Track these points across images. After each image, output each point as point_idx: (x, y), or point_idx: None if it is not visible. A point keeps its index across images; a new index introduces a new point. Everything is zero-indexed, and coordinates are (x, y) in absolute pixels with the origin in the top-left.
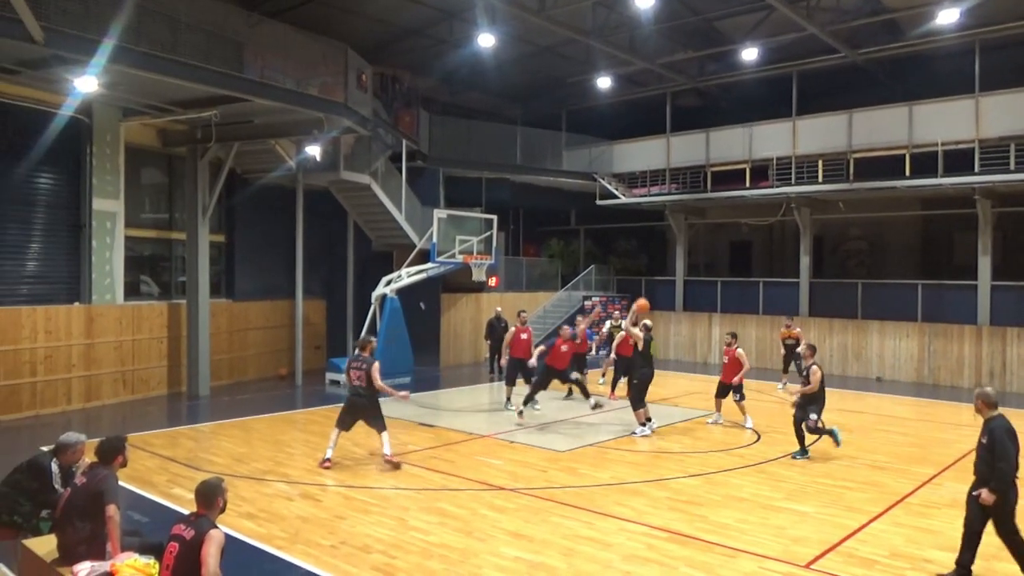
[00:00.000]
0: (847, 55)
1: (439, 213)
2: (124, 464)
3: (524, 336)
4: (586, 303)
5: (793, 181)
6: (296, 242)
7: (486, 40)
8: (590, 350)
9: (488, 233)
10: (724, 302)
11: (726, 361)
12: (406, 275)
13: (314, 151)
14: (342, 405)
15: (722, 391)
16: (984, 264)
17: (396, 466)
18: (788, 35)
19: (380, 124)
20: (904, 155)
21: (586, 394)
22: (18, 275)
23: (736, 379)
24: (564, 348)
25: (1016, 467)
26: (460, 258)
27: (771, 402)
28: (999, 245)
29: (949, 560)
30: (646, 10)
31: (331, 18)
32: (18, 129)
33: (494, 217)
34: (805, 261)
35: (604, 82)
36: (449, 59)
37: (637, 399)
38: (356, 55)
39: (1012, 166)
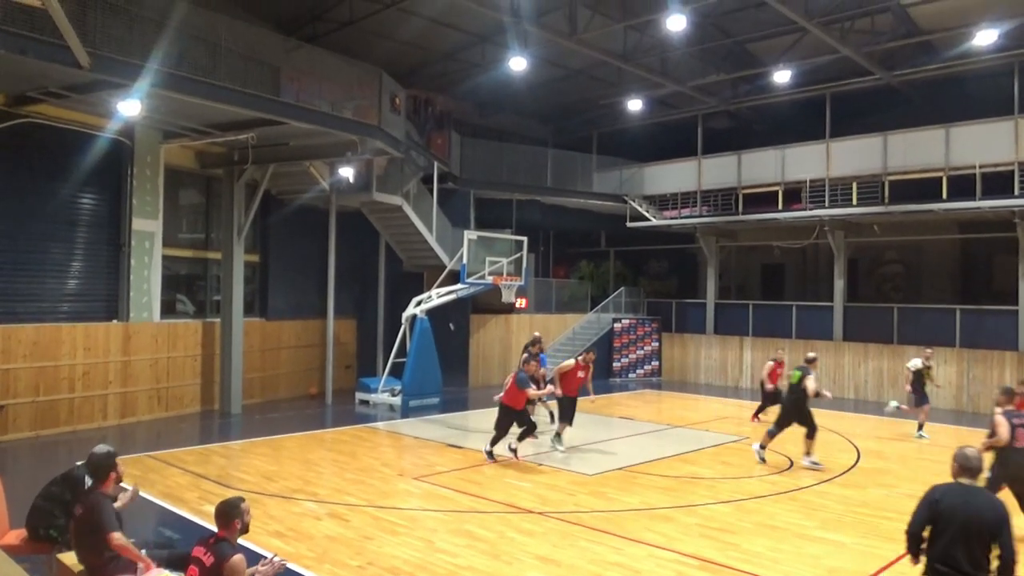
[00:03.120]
0: (881, 77)
1: (469, 234)
2: (119, 480)
3: (581, 375)
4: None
5: (827, 204)
6: (328, 262)
7: (518, 64)
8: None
9: (518, 254)
10: (756, 326)
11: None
12: (436, 296)
13: (347, 173)
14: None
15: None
16: None
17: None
18: (822, 57)
19: (412, 146)
20: (941, 177)
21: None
22: (59, 293)
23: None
24: (580, 374)
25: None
26: (490, 279)
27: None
28: None
29: None
30: (677, 33)
31: (365, 42)
32: (62, 151)
33: (524, 239)
34: (839, 284)
35: (635, 104)
36: (481, 82)
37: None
38: (390, 78)
39: None
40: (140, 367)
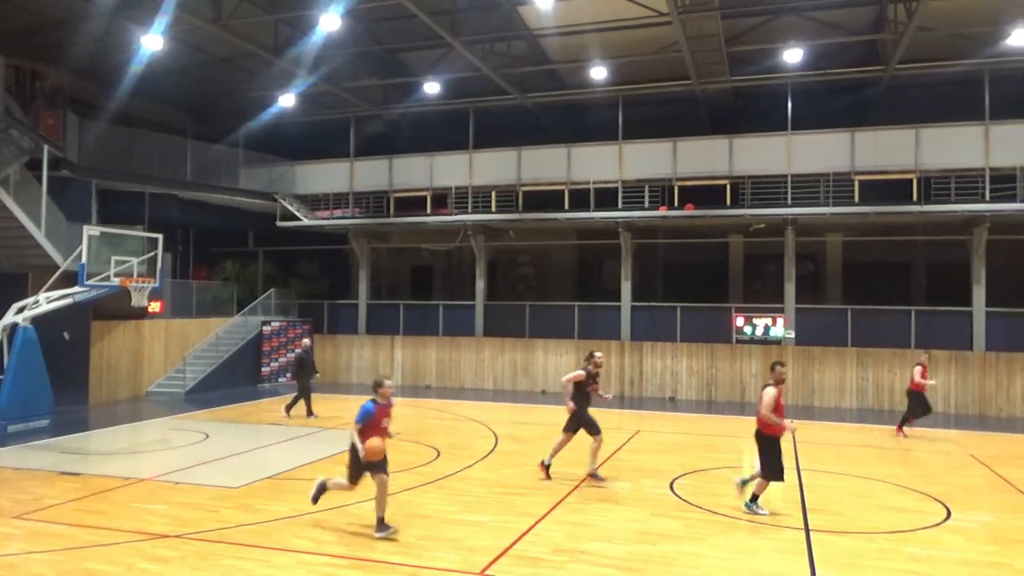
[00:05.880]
0: (517, 97)
1: (90, 230)
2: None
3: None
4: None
5: (470, 209)
6: None
7: (152, 43)
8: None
9: (152, 253)
10: (406, 325)
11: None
12: (45, 301)
13: None
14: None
15: None
16: (626, 288)
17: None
18: (467, 74)
19: (12, 124)
20: (564, 191)
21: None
22: None
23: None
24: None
25: None
26: (116, 281)
27: (431, 417)
28: (637, 271)
29: (603, 550)
30: (331, 33)
31: None
32: None
33: (159, 236)
34: (480, 285)
35: (287, 100)
36: (109, 59)
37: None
38: None
39: (647, 203)
40: None
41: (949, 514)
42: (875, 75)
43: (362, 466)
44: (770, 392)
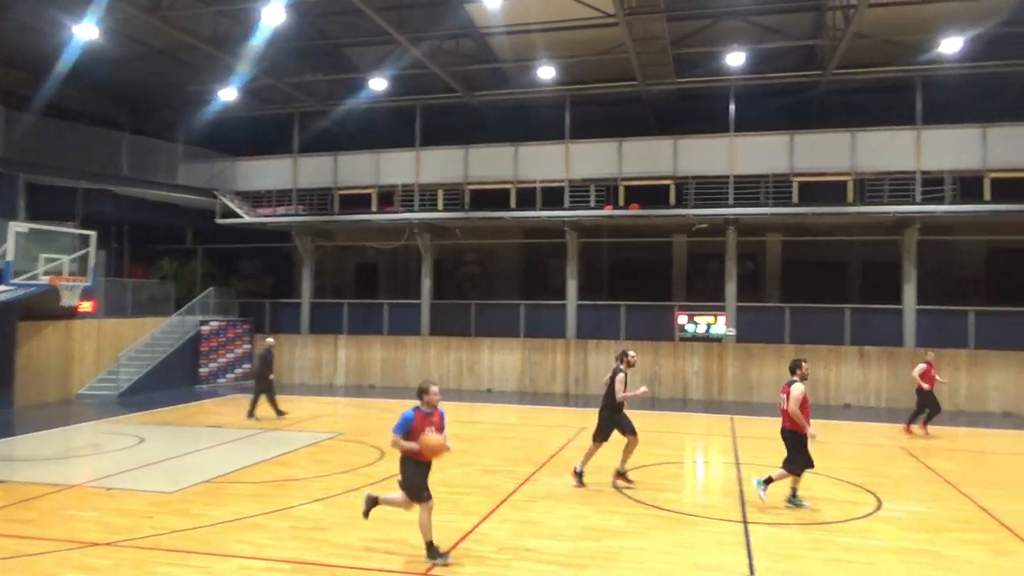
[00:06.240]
0: (465, 96)
1: (17, 226)
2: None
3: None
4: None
5: (416, 208)
6: None
7: (86, 32)
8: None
9: (84, 251)
10: (350, 324)
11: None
12: None
13: None
14: None
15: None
16: (572, 287)
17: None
18: (414, 71)
19: None
20: (510, 189)
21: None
22: None
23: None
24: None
25: None
26: (45, 280)
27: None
28: (583, 270)
29: (548, 547)
30: (275, 27)
31: None
32: None
33: (92, 233)
34: (426, 284)
35: (229, 94)
36: (40, 49)
37: None
38: None
39: (593, 203)
40: None
41: (880, 504)
42: (814, 79)
43: (425, 473)
44: (798, 388)
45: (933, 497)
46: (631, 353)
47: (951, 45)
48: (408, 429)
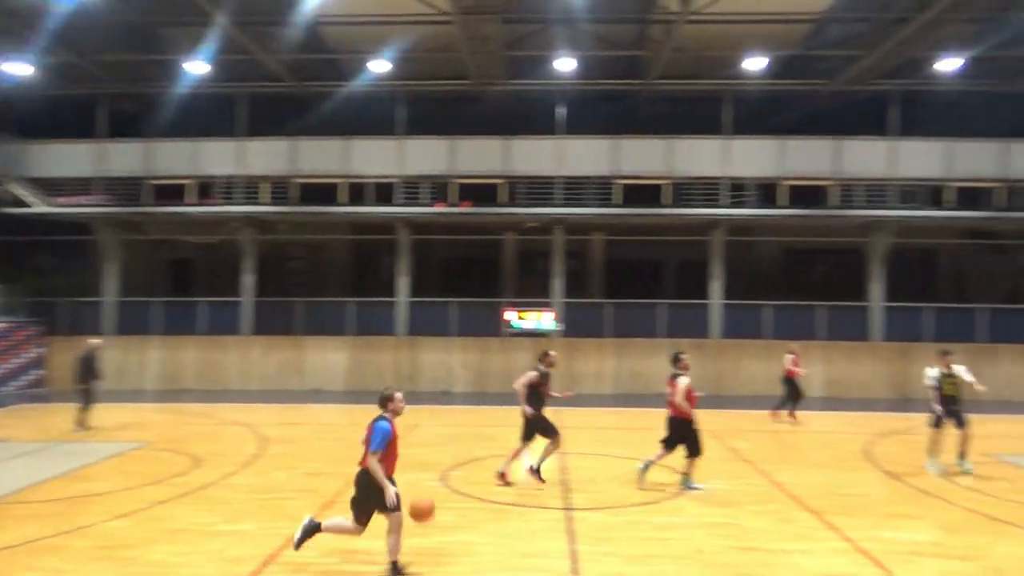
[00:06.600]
0: (294, 85)
1: None
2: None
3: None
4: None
5: (239, 201)
6: None
7: None
8: None
9: None
10: (161, 324)
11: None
12: None
13: None
14: None
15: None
16: (403, 283)
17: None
18: (238, 56)
19: None
20: (341, 184)
21: None
22: None
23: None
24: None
25: None
26: None
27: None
28: (415, 267)
29: (376, 548)
30: None
31: None
32: None
33: None
34: (249, 280)
35: (21, 69)
36: None
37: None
38: None
39: (428, 199)
40: None
41: (689, 484)
42: (637, 88)
43: (378, 504)
44: (684, 380)
45: (734, 475)
46: (552, 352)
47: (756, 64)
48: (388, 443)
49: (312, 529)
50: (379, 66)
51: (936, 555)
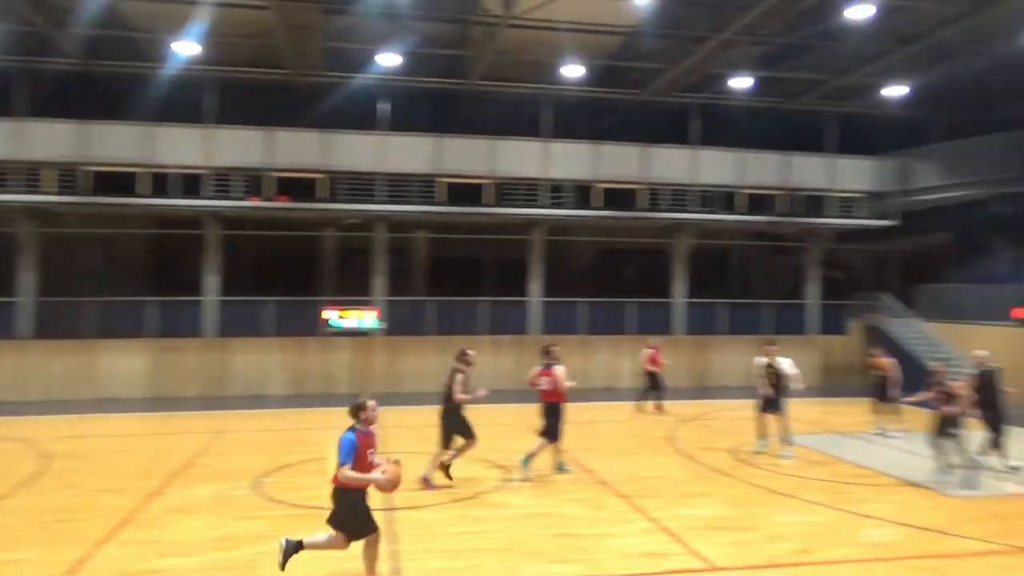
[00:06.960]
0: (84, 64)
1: None
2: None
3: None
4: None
5: (17, 189)
6: None
7: None
8: None
9: None
10: None
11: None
12: None
13: None
14: None
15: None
16: (212, 282)
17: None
18: (20, 27)
19: None
20: (142, 173)
21: None
22: None
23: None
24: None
25: None
26: None
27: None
28: (226, 264)
29: (177, 565)
30: None
31: None
32: None
33: None
34: (30, 278)
35: None
36: None
37: None
38: None
39: (240, 193)
40: None
41: (509, 477)
42: (460, 87)
43: (366, 524)
44: (561, 368)
45: (552, 465)
46: (470, 352)
47: (573, 71)
48: (355, 454)
49: (294, 548)
50: (187, 49)
51: (725, 528)
